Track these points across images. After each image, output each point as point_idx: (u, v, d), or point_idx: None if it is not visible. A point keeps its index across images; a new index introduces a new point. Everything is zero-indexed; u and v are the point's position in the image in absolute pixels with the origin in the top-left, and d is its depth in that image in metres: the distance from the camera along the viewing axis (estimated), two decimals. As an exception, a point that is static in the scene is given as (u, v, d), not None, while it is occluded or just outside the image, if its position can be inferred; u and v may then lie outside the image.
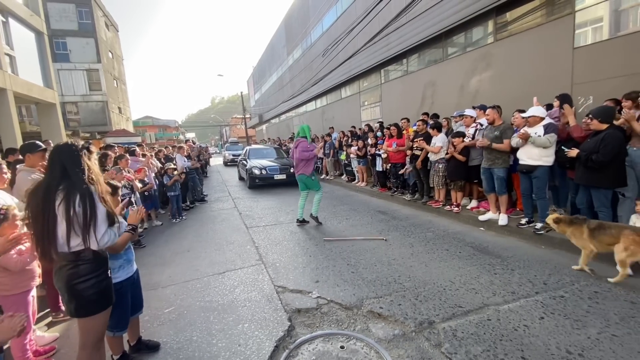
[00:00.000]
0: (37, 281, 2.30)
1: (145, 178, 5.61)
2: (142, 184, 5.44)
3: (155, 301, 3.05)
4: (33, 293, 2.28)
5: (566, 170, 4.22)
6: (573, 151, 3.62)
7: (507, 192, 4.73)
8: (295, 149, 5.45)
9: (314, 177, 5.48)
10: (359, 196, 8.03)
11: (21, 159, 3.55)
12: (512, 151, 4.44)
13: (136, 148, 7.00)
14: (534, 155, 4.04)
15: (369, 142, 8.18)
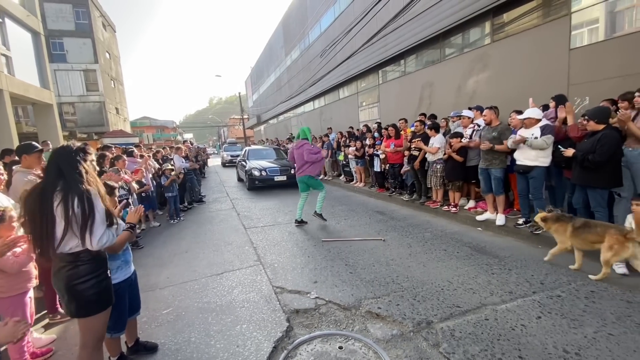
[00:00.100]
0: (34, 283, 2.29)
1: (142, 179, 5.59)
2: (140, 185, 5.42)
3: (153, 302, 3.04)
4: (30, 294, 2.27)
5: (563, 170, 4.25)
6: (569, 151, 3.66)
7: (505, 193, 4.75)
8: (297, 150, 5.43)
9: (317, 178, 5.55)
10: (357, 197, 8.04)
11: (17, 160, 3.53)
12: (511, 152, 4.47)
13: (134, 149, 6.97)
14: (531, 156, 4.06)
15: (367, 143, 8.19)
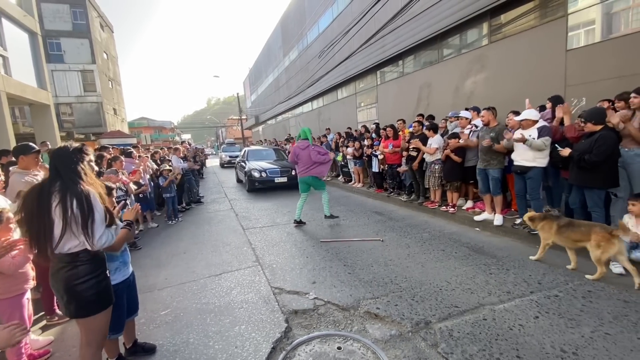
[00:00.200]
0: (32, 284, 2.28)
1: (140, 180, 5.57)
2: (137, 186, 5.40)
3: (151, 303, 3.03)
4: (28, 296, 2.26)
5: (560, 170, 4.27)
6: (565, 150, 3.68)
7: (502, 193, 4.78)
8: (302, 151, 5.39)
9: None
10: (356, 197, 8.04)
11: (14, 161, 3.51)
12: (508, 152, 4.49)
13: (132, 150, 6.95)
14: (528, 156, 4.08)
15: (365, 143, 8.21)
